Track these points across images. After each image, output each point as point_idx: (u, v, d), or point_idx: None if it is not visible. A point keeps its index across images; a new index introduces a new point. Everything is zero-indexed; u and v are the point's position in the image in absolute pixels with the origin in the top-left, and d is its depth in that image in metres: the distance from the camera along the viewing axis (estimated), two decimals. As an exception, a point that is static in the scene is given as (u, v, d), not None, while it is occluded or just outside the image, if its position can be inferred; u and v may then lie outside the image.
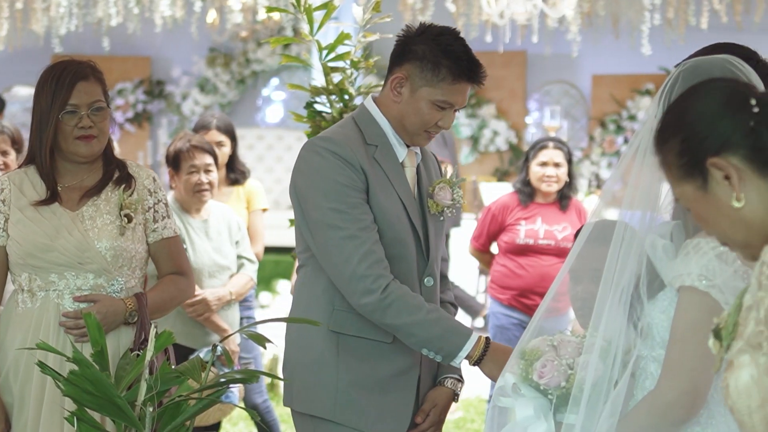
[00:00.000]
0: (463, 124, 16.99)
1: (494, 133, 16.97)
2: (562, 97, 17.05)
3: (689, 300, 2.74)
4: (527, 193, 7.07)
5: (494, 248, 7.30)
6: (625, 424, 2.80)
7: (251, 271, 6.08)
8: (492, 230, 7.18)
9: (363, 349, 3.68)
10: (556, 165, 6.95)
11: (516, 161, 16.92)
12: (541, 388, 3.02)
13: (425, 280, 3.76)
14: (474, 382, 3.56)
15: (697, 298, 2.73)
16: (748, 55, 2.99)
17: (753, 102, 2.26)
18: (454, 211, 3.83)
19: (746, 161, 2.25)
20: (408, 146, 3.77)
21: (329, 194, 3.58)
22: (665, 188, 2.89)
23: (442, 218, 3.82)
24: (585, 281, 3.05)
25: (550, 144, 7.07)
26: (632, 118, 15.37)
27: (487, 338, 3.59)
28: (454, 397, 3.87)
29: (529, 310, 6.73)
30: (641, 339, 2.89)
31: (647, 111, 2.92)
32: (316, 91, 4.73)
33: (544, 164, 6.99)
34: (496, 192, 13.14)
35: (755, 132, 2.24)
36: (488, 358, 3.55)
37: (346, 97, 4.70)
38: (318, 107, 4.77)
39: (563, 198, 7.04)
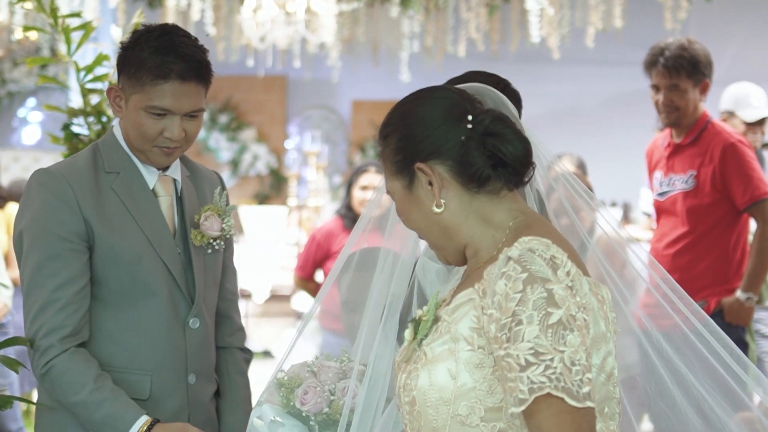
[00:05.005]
0: (223, 148, 16.96)
1: (254, 157, 17.01)
2: (323, 122, 17.23)
3: None
4: (351, 217, 7.05)
5: (319, 277, 7.24)
6: None
7: (6, 297, 5.93)
8: (318, 258, 7.13)
9: None
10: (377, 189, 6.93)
11: (277, 185, 16.99)
12: (304, 414, 3.01)
13: (190, 322, 3.33)
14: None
15: None
16: (497, 81, 3.07)
17: (469, 118, 2.34)
18: (222, 243, 3.42)
19: (451, 172, 2.34)
20: (161, 171, 3.37)
21: (36, 244, 3.18)
22: None
23: (210, 251, 3.40)
24: (359, 310, 3.06)
25: (371, 168, 7.09)
26: (391, 143, 15.58)
27: (153, 422, 3.14)
28: None
29: None
30: None
31: None
32: (74, 113, 4.64)
33: (364, 188, 6.99)
34: (255, 216, 13.14)
35: (465, 146, 2.33)
36: None
37: (104, 118, 4.62)
38: (75, 129, 4.68)
39: None
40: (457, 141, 2.33)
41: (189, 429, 3.15)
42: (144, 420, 3.12)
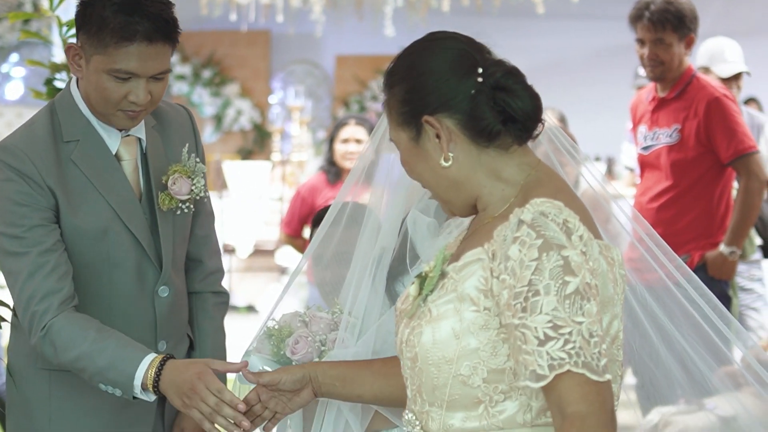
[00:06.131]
0: (206, 103, 16.92)
1: (238, 112, 16.97)
2: (306, 77, 17.17)
3: None
4: (334, 172, 7.07)
5: (307, 233, 7.24)
6: None
7: None
8: (303, 213, 7.15)
9: (79, 385, 3.12)
10: (358, 141, 6.97)
11: (260, 140, 16.96)
12: (293, 364, 3.01)
13: (159, 290, 3.18)
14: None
15: None
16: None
17: (479, 71, 2.30)
18: (192, 206, 3.21)
19: (460, 126, 2.29)
20: (122, 131, 3.16)
21: (4, 216, 3.02)
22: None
23: (179, 212, 3.19)
24: (332, 266, 3.04)
25: (352, 121, 7.13)
26: (375, 98, 15.57)
27: (165, 357, 2.92)
28: None
29: None
30: None
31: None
32: (56, 68, 4.62)
33: (345, 141, 7.01)
34: (239, 171, 13.12)
35: (474, 100, 2.28)
36: (165, 379, 2.88)
37: (88, 74, 4.60)
38: (58, 84, 4.66)
39: None
40: (467, 94, 2.29)
41: (208, 373, 2.84)
42: (152, 357, 2.91)
